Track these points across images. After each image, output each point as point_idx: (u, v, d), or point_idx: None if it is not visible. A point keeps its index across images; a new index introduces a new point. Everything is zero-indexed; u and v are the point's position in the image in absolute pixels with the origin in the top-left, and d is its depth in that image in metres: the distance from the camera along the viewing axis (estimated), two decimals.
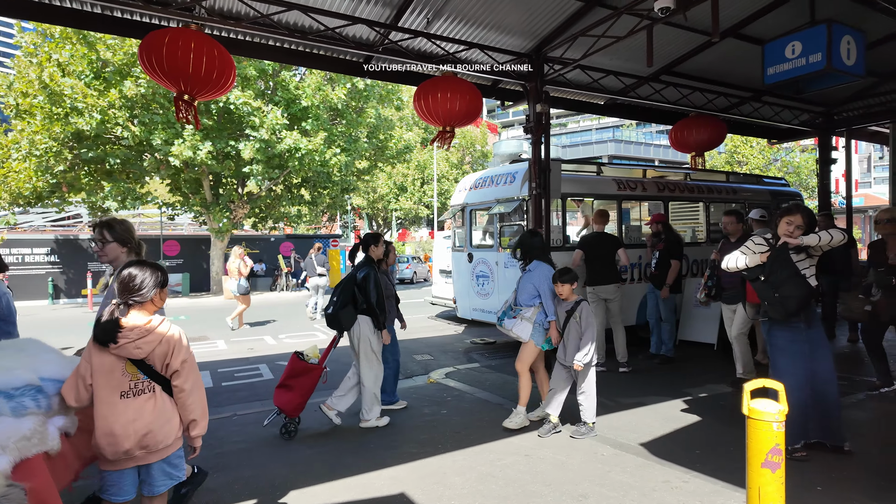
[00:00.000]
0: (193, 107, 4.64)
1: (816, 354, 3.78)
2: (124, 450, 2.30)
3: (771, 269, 3.73)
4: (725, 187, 9.36)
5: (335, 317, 4.63)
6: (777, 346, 3.84)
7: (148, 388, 2.38)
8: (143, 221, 28.25)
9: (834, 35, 5.64)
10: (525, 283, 4.65)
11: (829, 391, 3.77)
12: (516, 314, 4.62)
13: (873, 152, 41.12)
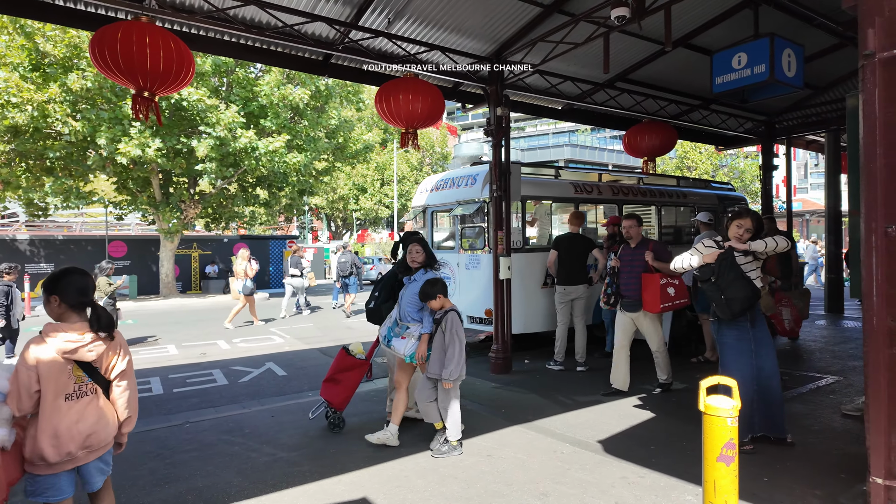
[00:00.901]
0: (154, 103, 4.45)
1: (761, 352, 3.97)
2: (67, 451, 2.32)
3: (719, 272, 3.90)
4: (676, 191, 9.72)
5: (378, 311, 4.67)
6: (726, 344, 4.01)
7: (90, 390, 2.43)
8: (87, 221, 26.89)
9: (776, 48, 5.95)
10: (410, 295, 4.33)
11: (773, 386, 3.97)
12: (403, 332, 4.28)
13: (809, 160, 43.61)
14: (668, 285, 5.24)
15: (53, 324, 2.38)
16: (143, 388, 6.46)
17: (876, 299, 2.62)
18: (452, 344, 3.98)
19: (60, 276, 2.45)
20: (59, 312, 2.41)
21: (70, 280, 2.43)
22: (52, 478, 2.34)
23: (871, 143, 2.63)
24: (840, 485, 3.36)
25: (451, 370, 3.96)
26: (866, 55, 2.60)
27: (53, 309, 2.41)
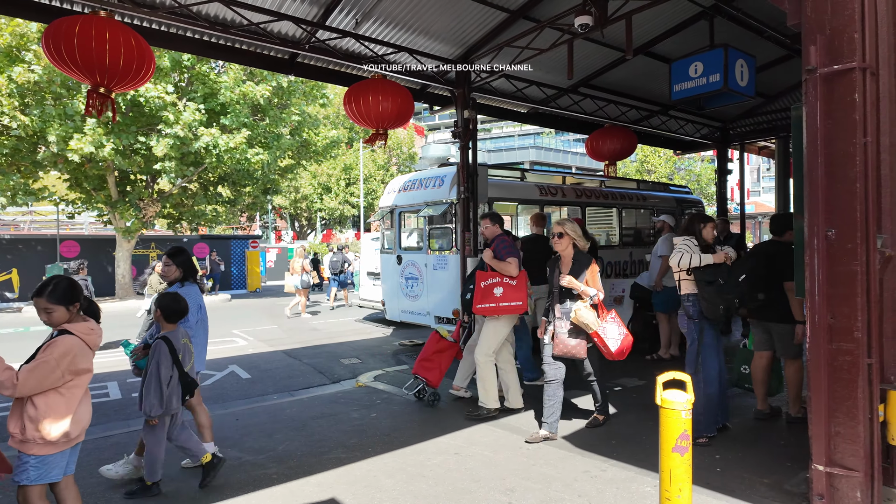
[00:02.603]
0: (111, 99, 4.32)
1: (721, 349, 4.26)
2: (83, 427, 2.66)
3: (727, 275, 4.10)
4: (636, 194, 10.02)
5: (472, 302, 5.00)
6: (708, 343, 4.18)
7: None
8: (36, 220, 25.67)
9: (730, 58, 6.23)
10: None
11: (724, 380, 4.26)
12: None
13: (762, 164, 45.56)
14: (497, 286, 4.79)
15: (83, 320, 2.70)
16: (99, 393, 6.26)
17: (818, 298, 2.80)
18: (152, 377, 3.37)
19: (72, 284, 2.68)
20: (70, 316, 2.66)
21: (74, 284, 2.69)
22: (60, 456, 2.58)
23: (813, 153, 2.82)
24: (786, 472, 3.56)
25: (153, 407, 3.36)
26: (809, 70, 2.78)
27: (73, 315, 2.66)
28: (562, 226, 4.40)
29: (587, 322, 4.12)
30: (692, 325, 4.21)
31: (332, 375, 6.97)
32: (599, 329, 4.14)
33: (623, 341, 4.21)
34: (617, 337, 4.19)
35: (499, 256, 4.88)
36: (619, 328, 4.23)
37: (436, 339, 5.47)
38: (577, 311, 4.15)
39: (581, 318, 4.14)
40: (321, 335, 10.19)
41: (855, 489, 2.69)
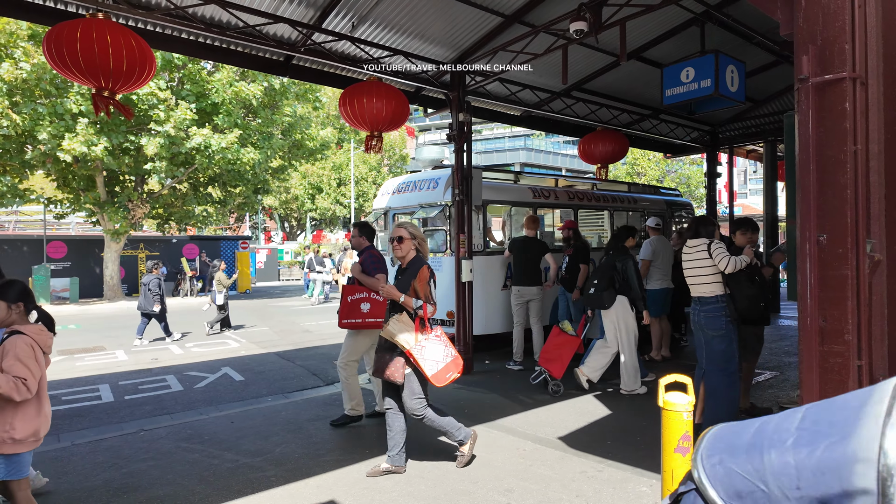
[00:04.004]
0: (115, 101, 4.31)
1: None
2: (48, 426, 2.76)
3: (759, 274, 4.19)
4: (627, 197, 10.13)
5: (599, 297, 5.28)
6: (734, 340, 4.22)
7: None
8: (21, 220, 25.32)
9: (720, 64, 6.33)
10: None
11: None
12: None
13: (749, 167, 46.11)
14: (364, 301, 4.63)
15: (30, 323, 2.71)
16: (91, 396, 6.21)
17: (809, 302, 2.87)
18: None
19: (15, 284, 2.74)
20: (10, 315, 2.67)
21: (25, 287, 2.77)
22: (29, 454, 2.68)
23: (805, 160, 2.89)
24: None
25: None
26: (801, 79, 2.85)
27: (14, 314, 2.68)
28: (402, 228, 3.89)
29: (396, 338, 3.59)
30: (731, 326, 4.15)
31: (327, 377, 6.97)
32: (415, 348, 3.59)
33: (447, 366, 3.65)
34: (439, 359, 3.63)
35: (367, 271, 4.65)
36: (444, 349, 3.70)
37: (557, 332, 5.74)
38: (387, 323, 3.65)
39: (389, 330, 3.60)
40: (313, 337, 10.17)
41: None
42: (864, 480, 0.59)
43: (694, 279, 4.30)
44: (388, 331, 3.63)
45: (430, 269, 3.81)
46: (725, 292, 4.17)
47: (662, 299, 7.07)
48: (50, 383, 6.79)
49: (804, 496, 0.63)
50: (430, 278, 3.78)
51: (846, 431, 0.62)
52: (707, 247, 4.20)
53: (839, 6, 2.76)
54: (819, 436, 0.64)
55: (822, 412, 0.69)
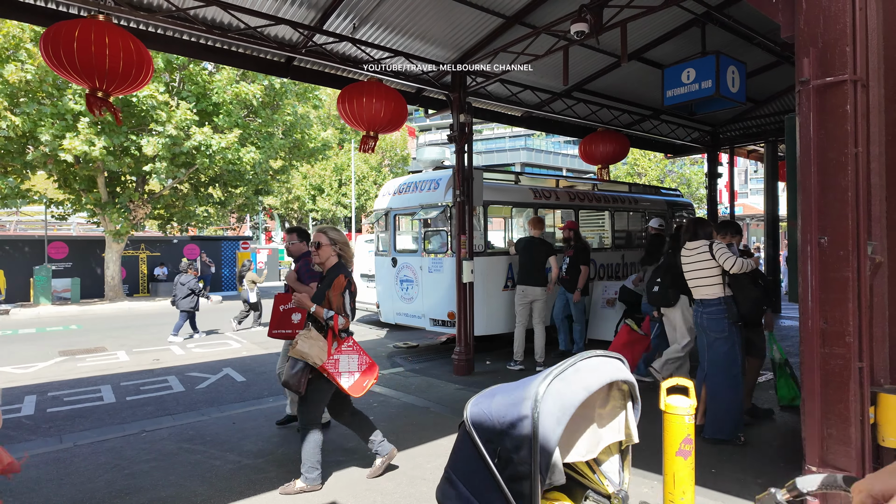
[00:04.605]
0: (108, 103, 4.32)
1: None
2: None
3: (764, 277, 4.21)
4: (628, 197, 10.13)
5: (664, 295, 5.30)
6: (737, 343, 4.21)
7: None
8: (23, 220, 25.34)
9: (721, 65, 6.34)
10: None
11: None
12: None
13: (749, 167, 46.07)
14: (295, 311, 4.47)
15: None
16: (93, 397, 6.22)
17: (811, 303, 2.88)
18: None
19: None
20: None
21: None
22: None
23: (807, 162, 2.89)
24: (779, 473, 3.64)
25: None
26: (802, 82, 2.86)
27: None
28: (321, 234, 3.72)
29: (304, 353, 3.47)
30: (733, 327, 4.16)
31: None
32: (328, 363, 3.48)
33: (363, 374, 3.59)
34: (354, 370, 3.56)
35: (301, 279, 4.51)
36: (359, 358, 3.61)
37: (626, 331, 5.86)
38: (295, 340, 3.52)
39: (298, 350, 3.47)
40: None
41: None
42: (527, 409, 1.24)
43: (695, 281, 4.29)
44: (297, 350, 3.49)
45: (348, 278, 3.64)
46: (728, 294, 4.16)
47: None
48: (52, 384, 6.82)
49: (504, 420, 1.29)
50: (347, 288, 3.60)
51: (527, 385, 1.33)
52: (709, 248, 4.20)
53: (840, 9, 2.76)
54: (517, 388, 1.34)
55: (525, 379, 1.35)
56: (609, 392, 1.67)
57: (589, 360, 1.55)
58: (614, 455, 1.74)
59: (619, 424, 1.71)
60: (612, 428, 1.69)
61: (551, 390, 1.39)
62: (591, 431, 1.65)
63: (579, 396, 1.42)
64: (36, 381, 6.99)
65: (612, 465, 1.74)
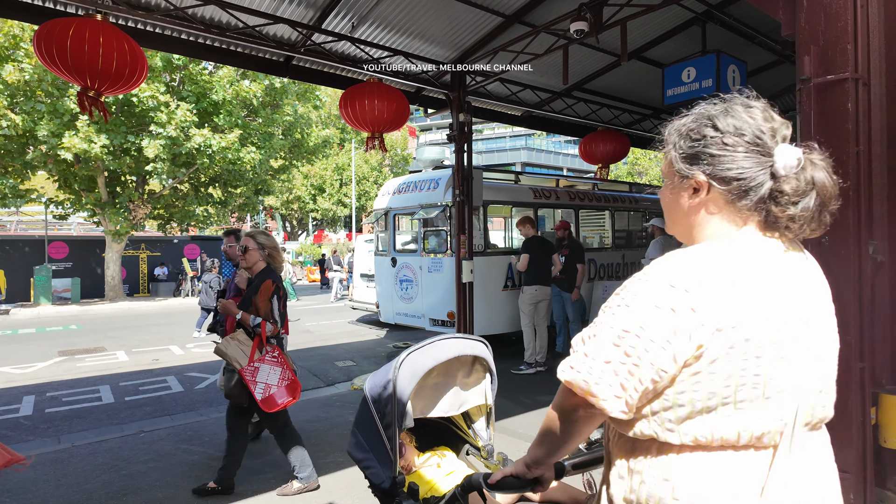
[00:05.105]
0: (100, 102, 4.30)
1: None
2: None
3: None
4: (628, 196, 10.11)
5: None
6: None
7: None
8: (23, 220, 25.36)
9: (722, 64, 6.31)
10: None
11: None
12: None
13: None
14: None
15: None
16: (91, 397, 6.21)
17: None
18: None
19: None
20: None
21: None
22: None
23: None
24: None
25: None
26: (803, 80, 2.83)
27: None
28: (249, 238, 3.62)
29: (224, 353, 3.37)
30: None
31: (327, 378, 6.97)
32: (247, 369, 3.35)
33: (281, 391, 3.42)
34: (272, 383, 3.41)
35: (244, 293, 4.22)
36: (280, 371, 3.45)
37: None
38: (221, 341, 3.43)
39: (219, 348, 3.38)
40: (314, 337, 10.16)
41: (848, 491, 2.74)
42: (391, 374, 1.80)
43: None
44: (218, 349, 3.38)
45: (277, 283, 3.53)
46: None
47: None
48: (51, 384, 6.81)
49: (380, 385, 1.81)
50: (275, 293, 3.48)
51: (394, 358, 1.86)
52: None
53: (841, 6, 2.73)
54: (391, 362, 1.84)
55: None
56: (473, 365, 2.10)
57: (446, 340, 1.96)
58: (483, 416, 2.17)
59: (481, 391, 2.14)
60: (476, 393, 2.13)
61: (408, 360, 1.85)
62: (454, 393, 2.11)
63: (428, 364, 1.86)
64: (35, 382, 6.98)
65: (481, 424, 2.18)
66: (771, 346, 0.97)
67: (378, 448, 1.83)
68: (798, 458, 1.01)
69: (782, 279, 1.02)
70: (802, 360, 1.00)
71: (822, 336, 1.05)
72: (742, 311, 0.96)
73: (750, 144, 1.03)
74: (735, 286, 0.97)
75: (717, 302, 0.96)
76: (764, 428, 0.98)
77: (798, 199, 1.01)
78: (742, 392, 0.97)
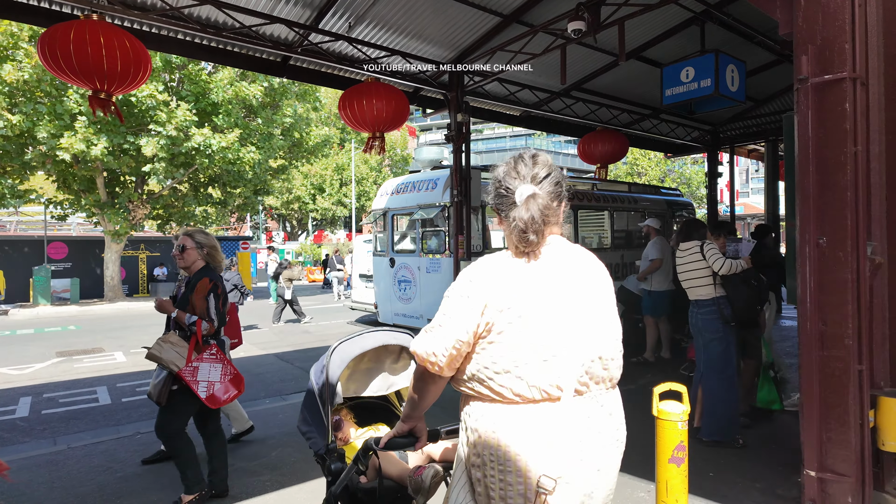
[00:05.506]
0: (112, 102, 4.29)
1: None
2: None
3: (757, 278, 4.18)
4: (627, 197, 10.08)
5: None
6: (732, 342, 4.16)
7: None
8: (23, 220, 25.36)
9: (721, 64, 6.28)
10: None
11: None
12: None
13: (750, 166, 45.97)
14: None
15: None
16: (88, 398, 6.19)
17: (809, 305, 2.83)
18: None
19: None
20: None
21: None
22: None
23: (805, 161, 2.84)
24: (778, 477, 3.59)
25: None
26: (800, 80, 2.81)
27: None
28: (187, 237, 3.56)
29: (157, 357, 3.26)
30: (727, 328, 4.13)
31: None
32: (186, 370, 3.26)
33: (225, 386, 3.40)
34: (215, 379, 3.36)
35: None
36: (221, 367, 3.41)
37: None
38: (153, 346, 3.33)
39: (152, 353, 3.27)
40: (313, 338, 10.14)
41: (846, 494, 2.72)
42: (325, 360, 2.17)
43: (689, 282, 4.29)
44: (151, 354, 3.28)
45: (214, 282, 3.44)
46: (721, 294, 4.13)
47: (664, 301, 7.01)
48: (47, 385, 6.79)
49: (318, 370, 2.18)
50: (212, 291, 3.41)
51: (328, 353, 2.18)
52: (700, 248, 4.20)
53: (839, 5, 2.71)
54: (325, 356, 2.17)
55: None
56: (400, 354, 2.39)
57: (373, 332, 2.28)
58: None
59: (409, 375, 2.40)
60: (404, 377, 2.43)
61: (339, 349, 2.20)
62: (384, 377, 2.47)
63: (355, 352, 2.21)
64: (32, 383, 6.96)
65: None
66: (540, 322, 1.35)
67: (318, 422, 2.16)
68: (584, 406, 1.37)
69: (547, 274, 1.41)
70: (570, 334, 1.37)
71: (588, 318, 1.41)
72: (515, 296, 1.37)
73: (497, 188, 1.51)
74: (508, 279, 1.39)
75: (497, 290, 1.38)
76: (548, 383, 1.34)
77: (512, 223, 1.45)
78: (525, 356, 1.34)
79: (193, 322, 3.36)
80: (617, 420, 1.46)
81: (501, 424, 1.35)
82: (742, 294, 4.11)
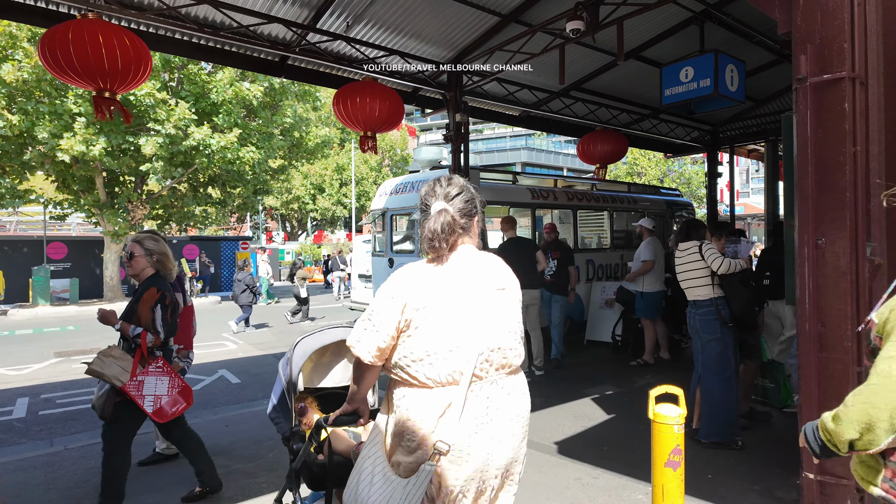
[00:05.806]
0: (117, 102, 4.28)
1: None
2: None
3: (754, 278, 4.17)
4: (627, 197, 10.06)
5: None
6: (729, 344, 4.13)
7: None
8: (22, 220, 25.35)
9: (720, 63, 6.26)
10: None
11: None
12: None
13: (751, 166, 45.92)
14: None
15: None
16: (86, 399, 6.17)
17: (808, 307, 2.81)
18: None
19: None
20: None
21: None
22: None
23: (804, 161, 2.83)
24: (777, 479, 3.58)
25: None
26: (799, 79, 2.79)
27: None
28: (135, 244, 3.40)
29: (99, 373, 3.12)
30: (725, 329, 4.10)
31: None
32: (130, 384, 3.14)
33: (172, 399, 3.30)
34: (159, 393, 3.26)
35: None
36: (168, 380, 3.30)
37: None
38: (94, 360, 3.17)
39: (93, 368, 3.12)
40: None
41: (845, 497, 2.70)
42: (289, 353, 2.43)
43: (687, 282, 4.27)
44: (91, 369, 3.13)
45: (162, 292, 3.29)
46: (719, 295, 4.11)
47: (658, 302, 6.98)
48: (45, 386, 6.78)
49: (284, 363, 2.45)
50: (159, 302, 3.25)
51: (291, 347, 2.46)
52: (698, 248, 4.18)
53: (838, 4, 2.69)
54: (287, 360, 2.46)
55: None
56: None
57: (333, 328, 2.54)
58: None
59: None
60: None
61: (301, 343, 2.46)
62: (344, 368, 2.81)
63: (314, 346, 2.48)
64: (29, 383, 6.95)
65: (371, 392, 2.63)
66: (446, 319, 1.64)
67: (284, 409, 2.44)
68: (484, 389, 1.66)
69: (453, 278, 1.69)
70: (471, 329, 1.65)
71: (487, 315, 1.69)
72: (427, 296, 1.65)
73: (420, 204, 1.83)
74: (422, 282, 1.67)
75: (414, 291, 1.66)
76: (452, 370, 1.62)
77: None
78: (436, 347, 1.63)
79: (138, 334, 3.19)
80: (515, 399, 1.75)
81: (415, 403, 1.63)
82: (741, 294, 4.09)
